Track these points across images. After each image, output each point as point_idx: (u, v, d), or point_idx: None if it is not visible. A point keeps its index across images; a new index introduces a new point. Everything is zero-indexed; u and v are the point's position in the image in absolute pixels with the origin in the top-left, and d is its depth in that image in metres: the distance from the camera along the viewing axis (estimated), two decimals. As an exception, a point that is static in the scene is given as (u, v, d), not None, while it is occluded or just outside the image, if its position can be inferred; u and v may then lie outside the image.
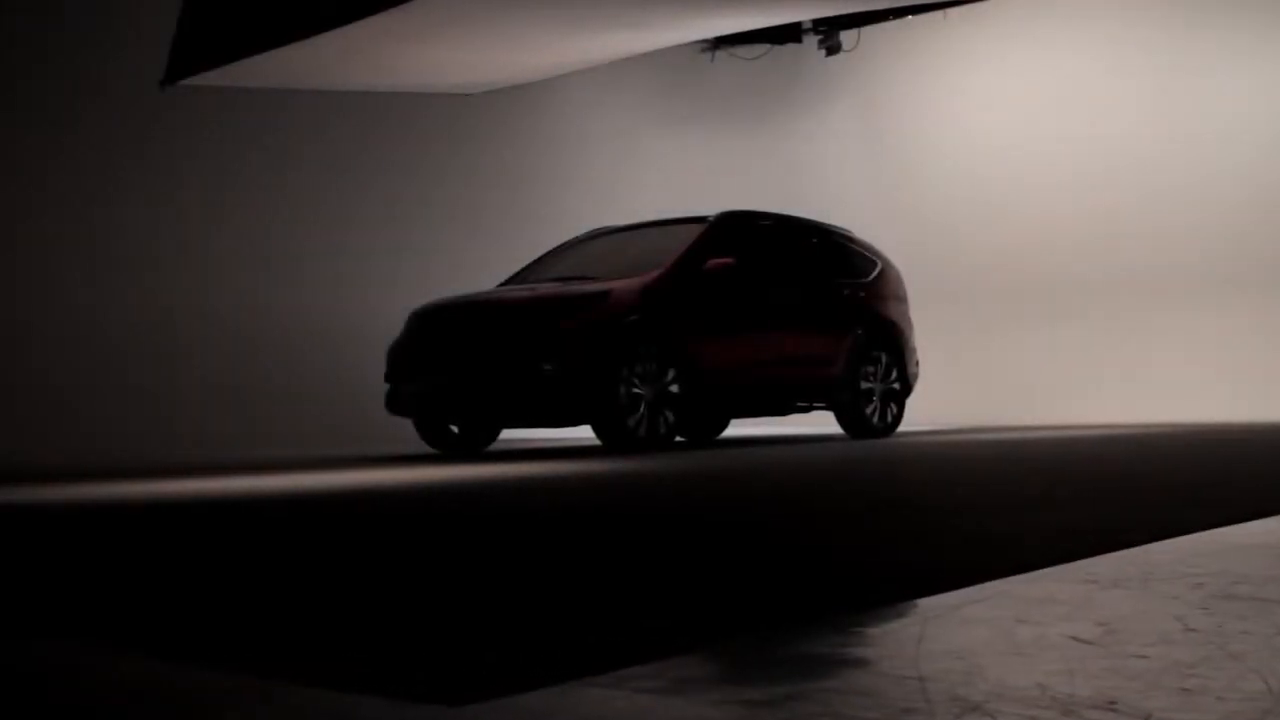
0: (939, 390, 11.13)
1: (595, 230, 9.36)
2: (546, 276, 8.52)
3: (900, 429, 9.39)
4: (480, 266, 10.38)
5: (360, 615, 2.03)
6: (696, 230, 8.32)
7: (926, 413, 11.17)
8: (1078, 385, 12.04)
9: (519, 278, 8.86)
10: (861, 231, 9.84)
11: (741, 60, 14.20)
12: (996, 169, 12.82)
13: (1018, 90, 12.88)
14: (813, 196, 12.86)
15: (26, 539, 3.61)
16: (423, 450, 8.27)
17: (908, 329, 9.44)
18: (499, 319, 7.59)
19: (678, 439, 8.19)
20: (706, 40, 13.67)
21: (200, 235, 10.20)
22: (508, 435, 9.11)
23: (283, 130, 10.72)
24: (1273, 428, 9.12)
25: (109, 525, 3.92)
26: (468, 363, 7.52)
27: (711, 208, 8.99)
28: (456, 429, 8.28)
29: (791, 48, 14.21)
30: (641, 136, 13.72)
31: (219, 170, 10.34)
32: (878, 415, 9.05)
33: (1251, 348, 11.29)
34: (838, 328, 8.82)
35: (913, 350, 9.45)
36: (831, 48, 13.77)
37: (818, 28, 13.92)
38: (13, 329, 9.09)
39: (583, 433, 8.32)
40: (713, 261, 7.97)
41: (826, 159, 14.06)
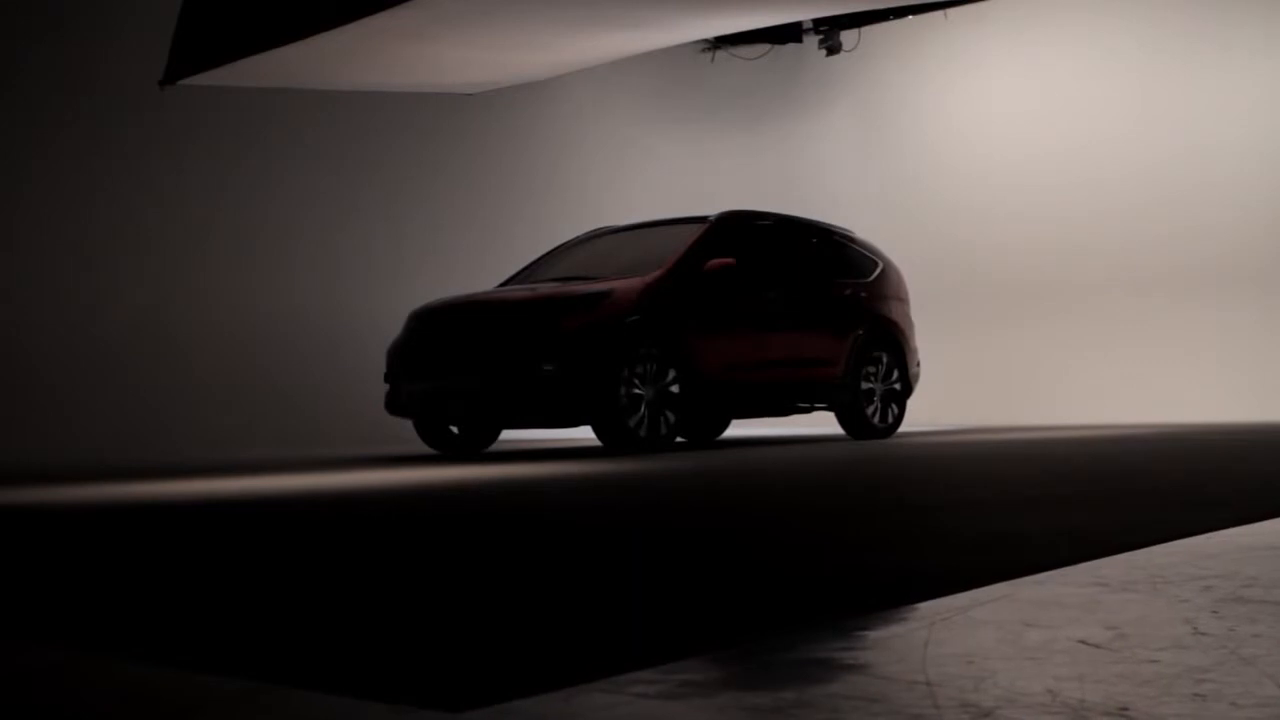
0: (940, 390, 11.12)
1: (595, 230, 9.35)
2: (547, 276, 8.51)
3: (901, 429, 9.37)
4: (480, 266, 10.37)
5: (360, 618, 2.01)
6: (697, 230, 8.30)
7: (927, 413, 11.16)
8: (1079, 386, 12.02)
9: (519, 278, 8.84)
10: (862, 231, 9.82)
11: (741, 60, 14.18)
12: (997, 169, 12.80)
13: (1018, 90, 12.87)
14: (813, 196, 12.85)
15: (20, 540, 3.59)
16: (422, 451, 8.26)
17: (909, 329, 9.42)
18: (499, 319, 7.57)
19: (678, 440, 8.17)
20: (706, 40, 13.66)
21: (199, 235, 10.19)
22: (508, 436, 9.10)
23: (282, 130, 10.70)
24: (1274, 428, 9.10)
25: (105, 527, 3.90)
26: (468, 363, 7.50)
27: (711, 208, 8.97)
28: (456, 429, 8.27)
29: (791, 48, 14.20)
30: (641, 136, 13.70)
31: (219, 170, 10.32)
32: (879, 416, 9.04)
33: (1253, 348, 11.28)
34: (838, 328, 8.80)
35: (914, 350, 9.43)
36: (832, 48, 13.76)
37: (818, 28, 13.91)
38: (10, 329, 9.07)
39: (583, 433, 8.31)
40: (713, 262, 7.95)
41: (826, 159, 14.05)
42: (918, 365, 9.50)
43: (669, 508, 4.10)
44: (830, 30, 13.71)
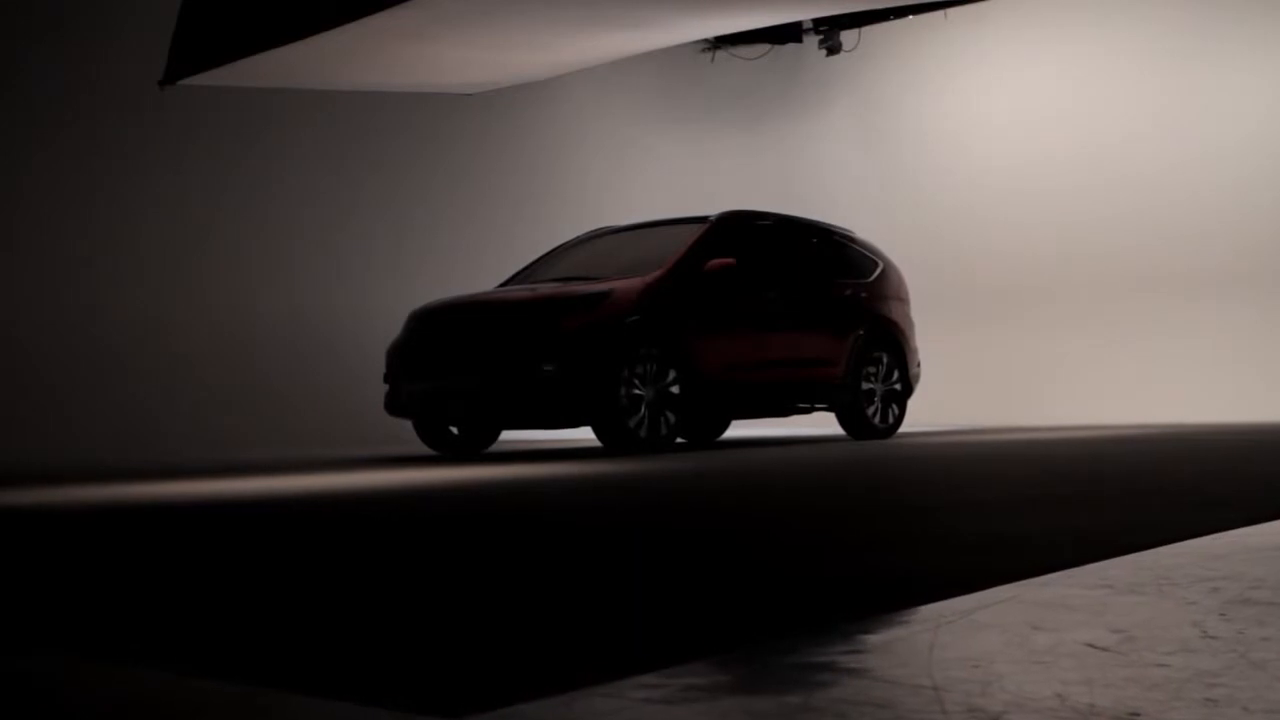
0: (940, 391, 11.10)
1: (596, 230, 9.33)
2: (547, 276, 8.49)
3: (902, 430, 9.36)
4: (480, 266, 10.35)
5: (360, 622, 1.99)
6: (697, 230, 8.28)
7: (928, 413, 11.14)
8: (1080, 386, 12.01)
9: (519, 278, 8.82)
10: (862, 231, 9.80)
11: (741, 60, 14.17)
12: (997, 169, 12.79)
13: (1018, 90, 12.86)
14: (813, 196, 12.84)
15: (19, 542, 3.57)
16: (422, 451, 8.24)
17: (909, 329, 9.41)
18: (499, 319, 7.55)
19: (679, 440, 8.15)
20: (706, 40, 13.65)
21: (199, 235, 10.17)
22: (508, 436, 9.08)
23: (282, 130, 10.69)
24: (1277, 429, 9.08)
25: (105, 528, 3.88)
26: (467, 364, 7.48)
27: (711, 208, 8.96)
28: (456, 430, 8.25)
29: (791, 48, 14.19)
30: (641, 136, 13.69)
31: (219, 170, 10.31)
32: (879, 416, 9.02)
33: (1255, 348, 11.26)
34: (839, 328, 8.78)
35: (914, 351, 9.42)
36: (832, 48, 13.75)
37: (818, 28, 13.89)
38: (8, 329, 9.05)
39: (583, 434, 8.29)
40: (713, 262, 7.93)
41: (826, 159, 14.03)
42: (918, 365, 9.48)
43: (669, 509, 4.08)
44: (830, 30, 13.70)
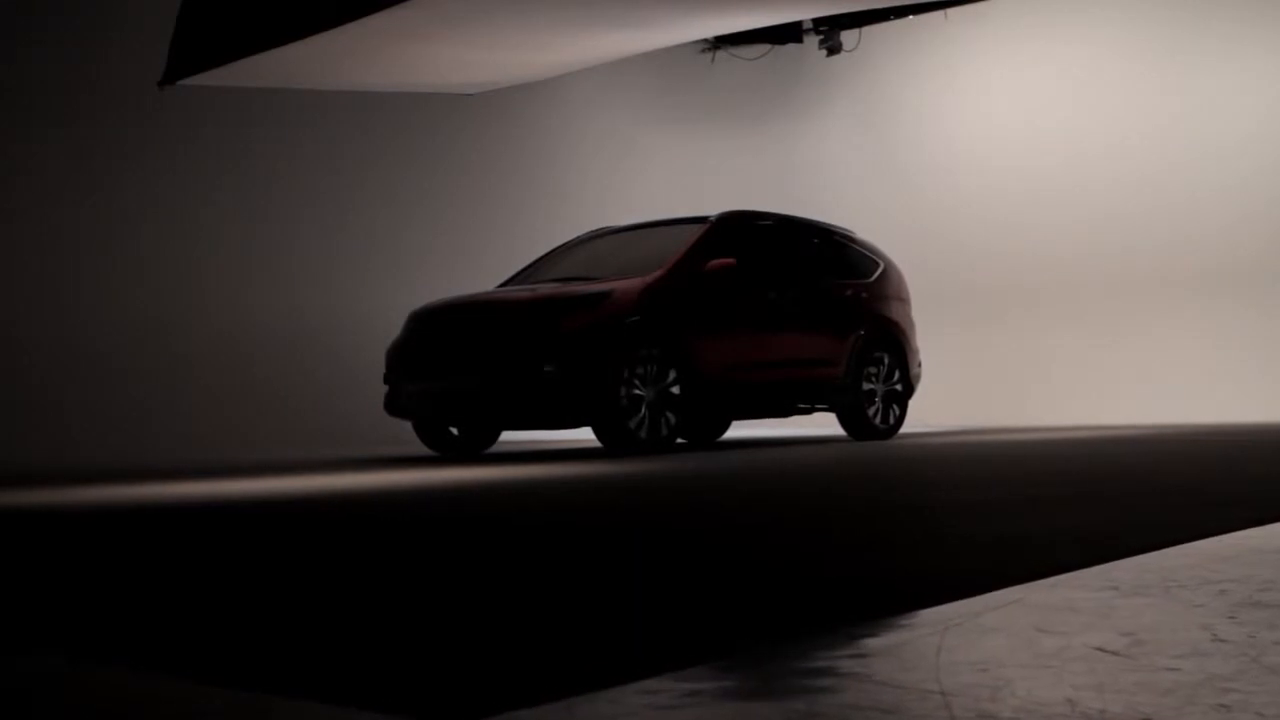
0: (941, 391, 11.08)
1: (596, 230, 9.31)
2: (547, 277, 8.47)
3: (902, 430, 9.34)
4: (480, 266, 10.33)
5: (359, 624, 1.97)
6: (697, 230, 8.27)
7: (929, 414, 11.12)
8: (1080, 386, 11.99)
9: (519, 278, 8.80)
10: (862, 231, 9.79)
11: (741, 60, 14.15)
12: (997, 169, 12.77)
13: (1018, 90, 12.84)
14: (813, 196, 12.82)
15: (19, 543, 3.55)
16: (422, 452, 8.22)
17: (910, 330, 9.39)
18: (499, 319, 7.53)
19: (679, 441, 8.13)
20: (706, 40, 13.63)
21: (199, 235, 10.16)
22: (508, 437, 9.06)
23: (282, 130, 10.67)
24: (1277, 429, 9.06)
25: (104, 529, 3.86)
26: (467, 364, 7.46)
27: (711, 208, 8.94)
28: (456, 431, 8.23)
29: (792, 48, 14.17)
30: (641, 136, 13.67)
31: (219, 170, 10.29)
32: (880, 416, 9.00)
33: (1255, 348, 11.24)
34: (839, 329, 8.77)
35: (915, 351, 9.40)
36: (832, 48, 13.73)
37: (818, 28, 13.88)
38: (8, 329, 9.04)
39: (583, 434, 8.27)
40: (714, 262, 7.92)
41: (826, 159, 14.02)
42: (919, 366, 9.47)
43: (669, 509, 4.06)
44: (830, 30, 13.68)
